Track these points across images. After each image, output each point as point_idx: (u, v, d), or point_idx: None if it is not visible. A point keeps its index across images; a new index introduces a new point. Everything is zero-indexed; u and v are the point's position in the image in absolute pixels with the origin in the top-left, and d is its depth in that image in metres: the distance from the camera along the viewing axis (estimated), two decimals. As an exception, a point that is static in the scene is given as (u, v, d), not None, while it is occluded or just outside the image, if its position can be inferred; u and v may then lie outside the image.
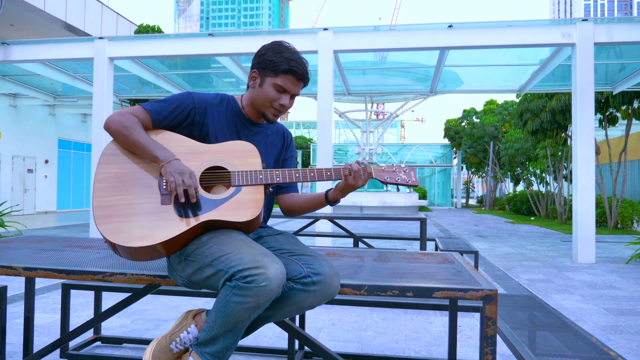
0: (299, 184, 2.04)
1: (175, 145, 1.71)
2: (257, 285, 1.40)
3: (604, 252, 7.78)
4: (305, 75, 1.76)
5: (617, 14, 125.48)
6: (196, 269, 1.56)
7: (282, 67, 1.72)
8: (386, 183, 1.76)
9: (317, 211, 7.46)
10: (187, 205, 1.61)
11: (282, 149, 1.96)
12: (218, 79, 12.49)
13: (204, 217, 1.60)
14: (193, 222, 1.58)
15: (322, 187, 7.63)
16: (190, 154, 1.70)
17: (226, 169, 1.70)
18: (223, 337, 1.48)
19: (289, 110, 1.91)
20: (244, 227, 1.67)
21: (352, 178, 1.71)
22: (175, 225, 1.57)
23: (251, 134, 1.85)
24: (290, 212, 1.95)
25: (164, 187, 1.64)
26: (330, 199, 1.80)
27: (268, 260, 1.45)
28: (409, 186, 1.77)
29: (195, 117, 1.76)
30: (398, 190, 1.79)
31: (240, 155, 1.73)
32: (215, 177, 1.70)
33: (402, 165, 1.81)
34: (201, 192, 1.65)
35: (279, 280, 1.44)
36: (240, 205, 1.64)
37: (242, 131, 1.83)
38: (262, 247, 1.57)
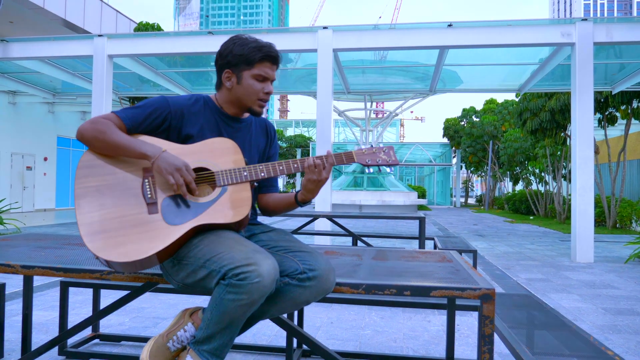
0: (280, 184, 2.03)
1: None
2: (250, 282, 1.40)
3: (602, 252, 7.79)
4: (279, 57, 1.77)
5: (617, 14, 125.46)
6: (190, 272, 1.55)
7: (257, 56, 1.71)
8: (368, 165, 1.76)
9: (316, 210, 7.43)
10: (175, 212, 1.59)
11: (266, 145, 1.95)
12: (217, 77, 12.46)
13: (194, 222, 1.58)
14: (183, 229, 1.56)
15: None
16: None
17: (209, 170, 1.67)
18: (219, 335, 1.48)
19: (288, 109, 1.91)
20: (235, 226, 1.66)
21: (315, 173, 1.67)
22: (166, 235, 1.54)
23: (233, 131, 1.82)
24: (266, 212, 1.94)
25: (148, 194, 1.60)
26: (299, 199, 1.79)
27: (260, 256, 1.45)
28: (389, 165, 1.77)
29: (172, 122, 1.72)
30: (379, 170, 1.79)
31: (221, 153, 1.70)
32: (199, 178, 1.67)
33: (381, 146, 1.80)
34: (188, 196, 1.62)
35: (272, 276, 1.44)
36: (229, 205, 1.63)
37: (224, 128, 1.80)
38: (254, 244, 1.57)
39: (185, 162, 1.60)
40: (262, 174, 1.69)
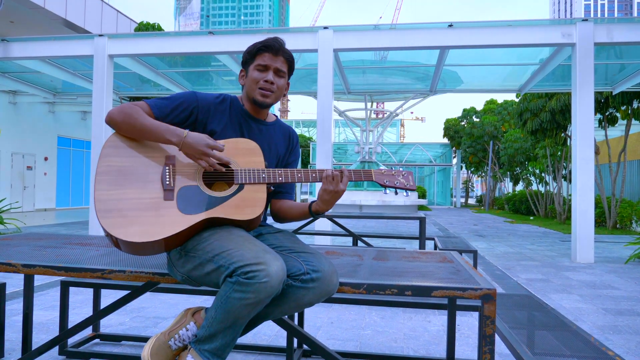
0: (297, 190, 2.04)
1: None
2: (259, 282, 1.41)
3: (602, 252, 7.79)
4: (281, 48, 1.82)
5: (617, 14, 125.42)
6: (197, 265, 1.56)
7: (256, 48, 1.80)
8: (385, 186, 1.78)
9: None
10: (190, 201, 1.62)
11: (286, 151, 1.96)
12: (218, 77, 12.48)
13: (206, 214, 1.60)
14: (196, 219, 1.59)
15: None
16: None
17: (229, 167, 1.70)
18: (222, 334, 1.48)
19: (288, 109, 1.92)
20: (246, 225, 1.68)
21: (332, 184, 1.69)
22: (177, 222, 1.57)
23: (255, 132, 1.86)
24: (278, 217, 1.94)
25: (167, 180, 1.64)
26: (312, 210, 1.79)
27: (269, 257, 1.46)
28: (406, 190, 1.79)
29: (199, 116, 1.78)
30: (396, 193, 1.81)
31: (243, 153, 1.73)
32: (217, 173, 1.71)
33: (401, 170, 1.82)
34: (204, 188, 1.66)
35: (280, 277, 1.45)
36: (243, 203, 1.65)
37: (246, 129, 1.84)
38: (263, 244, 1.58)
39: (206, 142, 1.64)
40: (280, 179, 1.71)
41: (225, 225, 1.64)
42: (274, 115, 2.00)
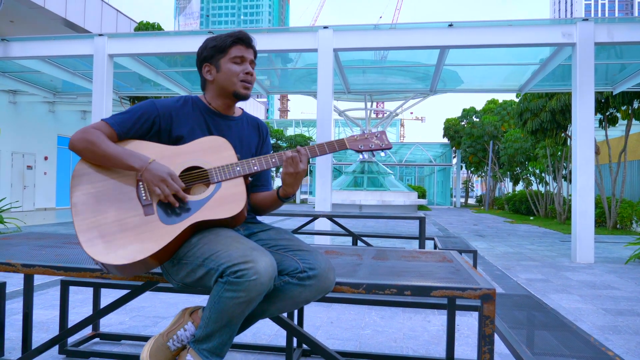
0: (272, 183, 2.03)
1: (147, 153, 1.68)
2: (248, 280, 1.41)
3: (602, 252, 7.79)
4: (251, 40, 1.81)
5: (618, 14, 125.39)
6: (189, 271, 1.56)
7: (228, 41, 1.78)
8: (361, 151, 1.76)
9: (316, 209, 7.42)
10: (171, 211, 1.59)
11: (259, 143, 1.95)
12: (218, 77, 12.46)
13: (189, 220, 1.58)
14: (180, 227, 1.57)
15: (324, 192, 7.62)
16: (162, 159, 1.67)
17: (202, 168, 1.68)
18: (219, 333, 1.49)
19: (288, 109, 1.91)
20: (232, 222, 1.66)
21: (292, 166, 1.69)
22: (163, 235, 1.55)
23: (224, 128, 1.83)
24: (255, 210, 1.94)
25: (143, 196, 1.61)
26: (280, 195, 1.80)
27: (257, 253, 1.46)
28: (382, 150, 1.76)
29: (161, 124, 1.74)
30: (373, 155, 1.79)
31: (212, 151, 1.71)
32: (192, 177, 1.68)
33: (373, 131, 1.80)
34: (177, 202, 1.63)
35: (269, 273, 1.45)
36: (224, 201, 1.63)
37: (214, 127, 1.81)
38: (251, 241, 1.57)
39: (170, 171, 1.61)
40: (255, 167, 1.70)
41: (213, 228, 1.63)
42: (240, 108, 1.96)
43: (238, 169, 1.68)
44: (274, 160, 1.72)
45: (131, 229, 1.56)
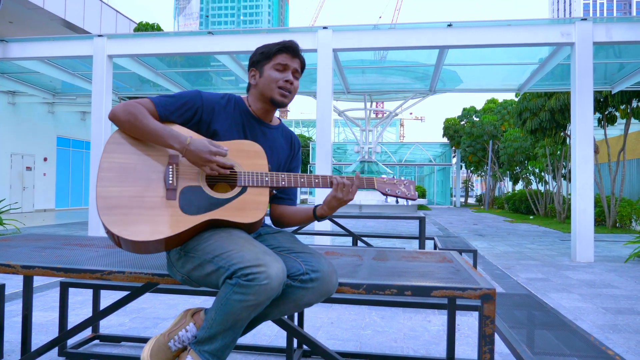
0: (298, 195, 2.05)
1: None
2: (259, 284, 1.41)
3: (602, 251, 7.80)
4: (298, 50, 1.83)
5: (616, 14, 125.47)
6: (196, 265, 1.56)
7: (274, 49, 1.80)
8: (387, 195, 1.81)
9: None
10: (192, 202, 1.61)
11: (288, 156, 1.96)
12: (217, 77, 12.47)
13: (208, 215, 1.60)
14: (197, 219, 1.58)
15: (322, 193, 7.61)
16: None
17: (232, 168, 1.70)
18: (222, 335, 1.48)
19: (288, 109, 1.92)
20: (247, 228, 1.68)
21: (342, 192, 1.72)
22: (179, 222, 1.57)
23: (259, 134, 1.84)
24: (278, 222, 1.95)
25: (170, 179, 1.63)
26: (317, 214, 1.80)
27: (269, 258, 1.46)
28: (407, 199, 1.81)
29: (203, 115, 1.76)
30: (397, 202, 1.82)
31: (247, 155, 1.73)
32: (220, 175, 1.70)
33: (403, 179, 1.85)
34: (206, 189, 1.66)
35: (280, 279, 1.45)
36: (245, 206, 1.65)
37: (250, 131, 1.82)
38: (263, 245, 1.57)
39: (209, 148, 1.62)
40: (283, 183, 1.72)
41: (226, 227, 1.64)
42: (279, 119, 1.99)
43: (267, 179, 1.70)
44: (302, 180, 1.75)
45: (150, 208, 1.58)
